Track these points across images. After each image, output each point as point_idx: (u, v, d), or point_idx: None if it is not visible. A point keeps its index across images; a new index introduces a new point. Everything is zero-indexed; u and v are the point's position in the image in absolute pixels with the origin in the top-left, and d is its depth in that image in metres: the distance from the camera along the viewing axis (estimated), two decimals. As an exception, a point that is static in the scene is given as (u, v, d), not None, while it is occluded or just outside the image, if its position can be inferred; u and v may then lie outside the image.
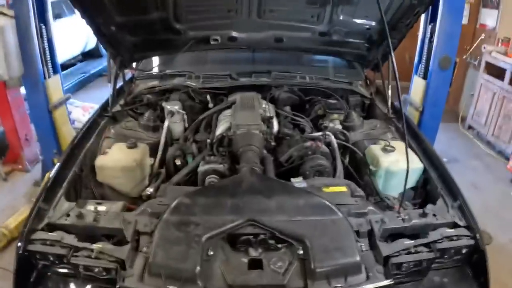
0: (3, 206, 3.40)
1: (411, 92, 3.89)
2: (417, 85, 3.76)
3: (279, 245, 1.46)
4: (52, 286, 1.55)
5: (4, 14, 3.02)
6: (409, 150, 1.77)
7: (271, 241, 1.45)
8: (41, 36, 3.24)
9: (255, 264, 1.40)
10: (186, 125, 2.49)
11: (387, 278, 1.42)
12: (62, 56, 4.48)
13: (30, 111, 3.64)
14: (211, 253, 1.39)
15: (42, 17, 3.21)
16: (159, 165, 2.20)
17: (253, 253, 1.43)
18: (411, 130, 2.27)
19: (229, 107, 2.47)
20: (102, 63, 7.94)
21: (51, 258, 1.49)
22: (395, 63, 1.61)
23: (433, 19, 3.45)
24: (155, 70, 3.02)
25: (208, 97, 2.64)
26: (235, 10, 2.28)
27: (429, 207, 1.72)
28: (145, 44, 2.54)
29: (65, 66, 4.89)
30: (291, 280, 1.35)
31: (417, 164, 2.02)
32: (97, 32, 2.30)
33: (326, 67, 3.16)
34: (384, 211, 1.74)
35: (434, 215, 1.65)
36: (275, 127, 2.34)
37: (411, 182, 2.02)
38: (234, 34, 2.47)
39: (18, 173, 3.95)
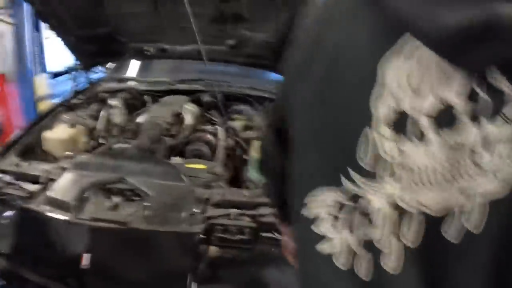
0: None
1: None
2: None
3: (135, 198, 1.97)
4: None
5: (4, 22, 3.81)
6: None
7: (129, 194, 1.97)
8: (34, 42, 4.02)
9: (114, 207, 1.92)
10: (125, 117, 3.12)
11: (197, 230, 1.81)
12: (62, 63, 5.19)
13: (21, 103, 4.38)
14: (87, 195, 1.98)
15: (36, 26, 4.00)
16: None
17: (115, 200, 1.95)
18: None
19: None
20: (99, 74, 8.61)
21: None
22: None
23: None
24: (116, 74, 3.73)
25: (147, 97, 3.30)
26: (161, 27, 2.84)
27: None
28: (100, 52, 3.22)
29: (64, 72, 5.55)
30: (132, 220, 1.84)
31: None
32: (63, 41, 3.02)
33: (259, 78, 3.54)
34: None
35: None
36: (188, 121, 2.90)
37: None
38: (165, 46, 3.06)
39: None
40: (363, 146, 0.59)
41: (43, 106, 4.22)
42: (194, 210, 1.89)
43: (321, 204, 0.65)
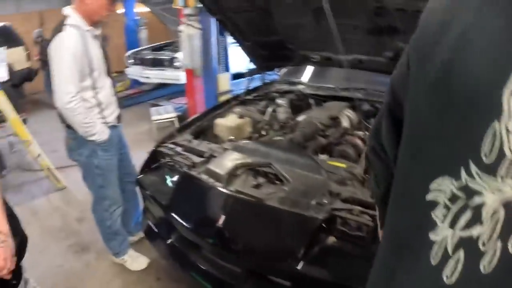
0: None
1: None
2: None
3: (276, 181, 2.24)
4: (162, 172, 2.72)
5: (194, 26, 4.52)
6: None
7: (272, 177, 2.25)
8: (219, 45, 4.68)
9: (257, 186, 2.21)
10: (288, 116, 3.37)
11: (320, 216, 1.94)
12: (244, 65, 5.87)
13: (205, 95, 5.08)
14: (239, 172, 2.33)
15: (221, 32, 4.65)
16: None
17: (259, 180, 2.26)
18: None
19: None
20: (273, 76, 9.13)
21: (167, 156, 2.69)
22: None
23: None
24: (288, 77, 4.07)
25: (312, 100, 3.56)
26: (324, 37, 2.94)
27: None
28: (271, 57, 3.58)
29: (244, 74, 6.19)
30: (269, 199, 2.08)
31: None
32: (239, 45, 3.52)
33: None
34: None
35: None
36: (343, 125, 3.06)
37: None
38: (329, 55, 3.25)
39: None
40: (488, 141, 0.54)
41: (223, 100, 4.86)
42: (323, 200, 2.05)
43: (441, 193, 0.62)
